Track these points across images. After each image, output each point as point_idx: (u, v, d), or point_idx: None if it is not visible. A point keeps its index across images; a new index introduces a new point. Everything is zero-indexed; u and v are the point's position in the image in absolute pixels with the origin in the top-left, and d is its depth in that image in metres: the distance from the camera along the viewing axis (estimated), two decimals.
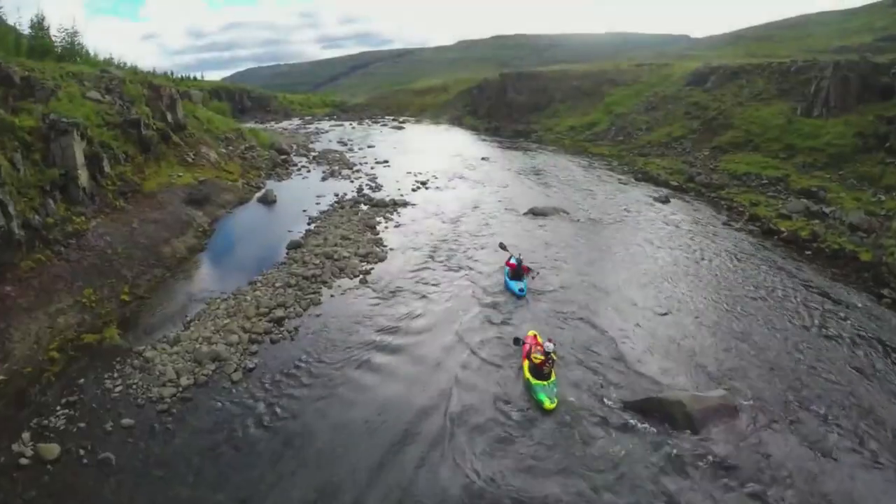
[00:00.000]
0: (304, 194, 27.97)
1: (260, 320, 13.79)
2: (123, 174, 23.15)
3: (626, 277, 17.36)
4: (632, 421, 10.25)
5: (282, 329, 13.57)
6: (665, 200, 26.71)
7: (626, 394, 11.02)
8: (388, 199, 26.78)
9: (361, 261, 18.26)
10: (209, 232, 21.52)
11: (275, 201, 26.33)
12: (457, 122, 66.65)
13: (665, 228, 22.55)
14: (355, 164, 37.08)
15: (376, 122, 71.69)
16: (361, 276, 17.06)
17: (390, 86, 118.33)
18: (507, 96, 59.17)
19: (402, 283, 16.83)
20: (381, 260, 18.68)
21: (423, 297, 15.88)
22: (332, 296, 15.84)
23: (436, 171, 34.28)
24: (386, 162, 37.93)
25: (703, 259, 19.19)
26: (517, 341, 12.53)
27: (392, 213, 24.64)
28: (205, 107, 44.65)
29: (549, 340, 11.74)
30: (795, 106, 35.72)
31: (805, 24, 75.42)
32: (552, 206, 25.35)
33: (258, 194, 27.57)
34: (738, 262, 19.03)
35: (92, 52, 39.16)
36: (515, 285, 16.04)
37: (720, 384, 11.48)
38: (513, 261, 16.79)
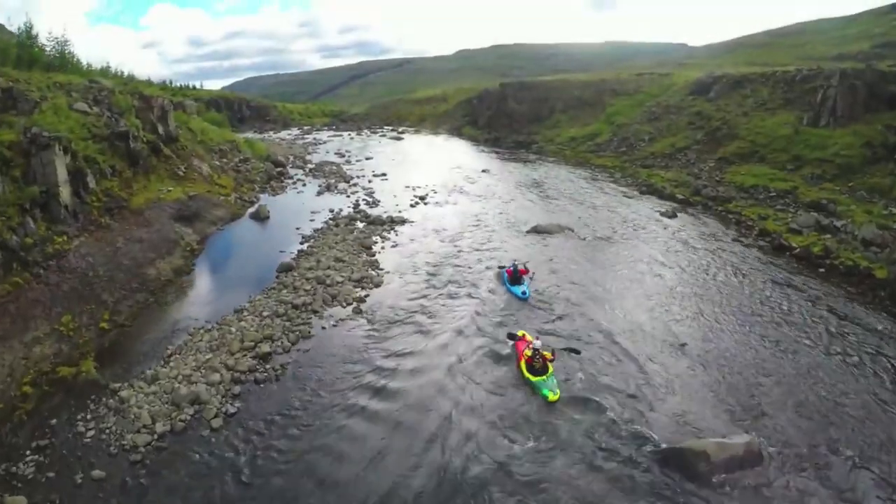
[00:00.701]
0: (299, 210, 27.00)
1: (244, 356, 12.77)
2: (110, 190, 22.38)
3: (638, 302, 16.48)
4: (654, 473, 9.40)
5: (267, 367, 12.51)
6: (672, 215, 25.90)
7: (644, 440, 10.15)
8: (385, 215, 25.72)
9: (355, 286, 17.18)
10: (197, 251, 20.59)
11: (267, 218, 25.40)
12: (456, 132, 65.85)
13: (674, 246, 21.73)
14: (352, 178, 36.12)
15: (375, 133, 70.89)
16: (355, 305, 15.96)
17: (389, 95, 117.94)
18: (507, 106, 58.44)
19: (400, 312, 15.67)
20: (377, 285, 17.56)
21: (422, 329, 14.67)
22: (323, 328, 14.68)
23: (435, 185, 33.37)
24: (384, 175, 36.97)
25: (715, 279, 18.38)
26: (511, 336, 13.63)
27: (389, 232, 23.47)
28: (199, 117, 43.92)
29: (537, 338, 12.72)
30: (802, 115, 35.19)
31: (803, 32, 75.17)
32: (556, 222, 24.39)
33: (251, 210, 26.60)
34: (751, 281, 18.27)
35: (84, 62, 38.59)
36: (518, 289, 16.92)
37: (743, 426, 10.64)
38: (510, 267, 17.88)
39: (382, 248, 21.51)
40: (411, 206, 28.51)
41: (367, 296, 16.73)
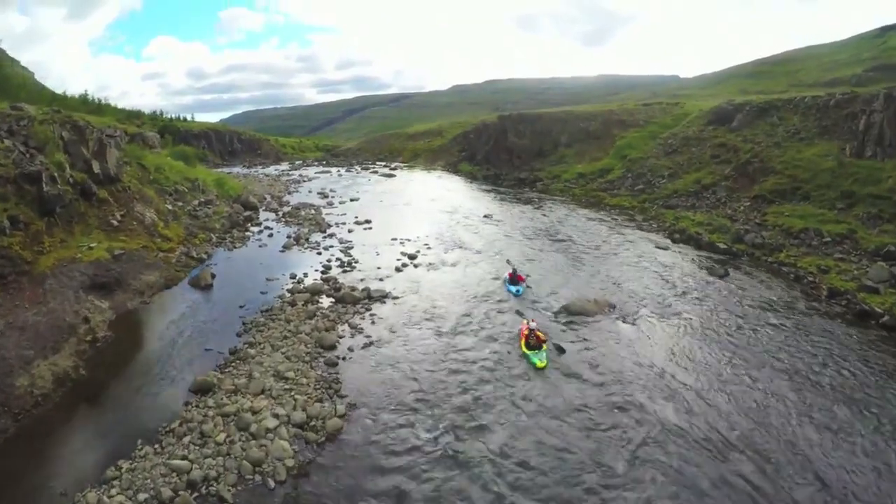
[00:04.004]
0: (253, 274, 21.04)
1: None
2: (7, 249, 17.31)
3: (739, 441, 10.61)
4: None
5: None
6: (723, 273, 20.71)
7: None
8: (361, 286, 19.50)
9: (297, 437, 10.55)
10: (101, 341, 14.83)
11: (210, 286, 19.51)
12: (452, 168, 60.96)
13: (743, 322, 16.47)
14: (330, 226, 30.36)
15: (366, 169, 66.33)
16: (291, 485, 9.38)
17: (385, 130, 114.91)
18: (507, 140, 53.89)
19: None
20: (332, 436, 10.75)
21: None
22: None
23: (428, 236, 27.63)
24: (368, 222, 31.13)
25: (808, 374, 13.31)
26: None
27: (363, 316, 16.98)
28: (164, 150, 39.07)
29: (533, 321, 15.16)
30: (843, 145, 31.54)
31: (794, 59, 74.23)
32: (590, 296, 18.29)
33: (194, 272, 20.80)
34: (847, 375, 13.38)
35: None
36: (514, 288, 19.21)
37: None
38: (510, 271, 20.19)
39: (350, 349, 14.72)
40: (397, 269, 22.03)
41: (310, 463, 9.96)
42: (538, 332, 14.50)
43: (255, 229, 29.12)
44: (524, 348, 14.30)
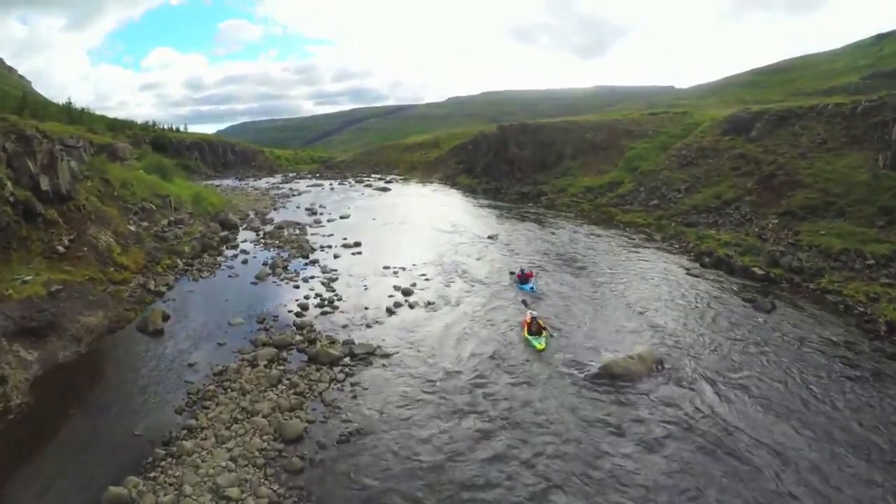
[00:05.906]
0: (215, 314, 17.57)
1: None
2: None
3: None
4: None
5: None
6: (769, 308, 17.69)
7: None
8: (342, 338, 15.79)
9: None
10: (14, 412, 11.45)
11: (160, 332, 15.99)
12: (450, 181, 58.05)
13: (812, 377, 13.42)
14: (314, 250, 26.85)
15: (360, 181, 63.52)
16: None
17: (382, 141, 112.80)
18: (507, 151, 51.08)
19: None
20: None
21: None
22: None
23: (425, 263, 24.01)
24: (357, 245, 27.61)
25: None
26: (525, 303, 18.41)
27: (342, 386, 13.01)
28: (137, 162, 35.99)
29: (535, 311, 16.95)
30: (876, 156, 28.91)
31: (791, 69, 72.75)
32: (629, 346, 14.69)
33: (146, 312, 17.33)
34: None
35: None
36: (526, 286, 20.50)
37: None
38: (518, 272, 21.42)
39: (321, 446, 10.57)
40: (388, 310, 18.20)
41: None
42: (539, 321, 16.06)
43: (230, 253, 25.89)
44: (526, 334, 15.77)
